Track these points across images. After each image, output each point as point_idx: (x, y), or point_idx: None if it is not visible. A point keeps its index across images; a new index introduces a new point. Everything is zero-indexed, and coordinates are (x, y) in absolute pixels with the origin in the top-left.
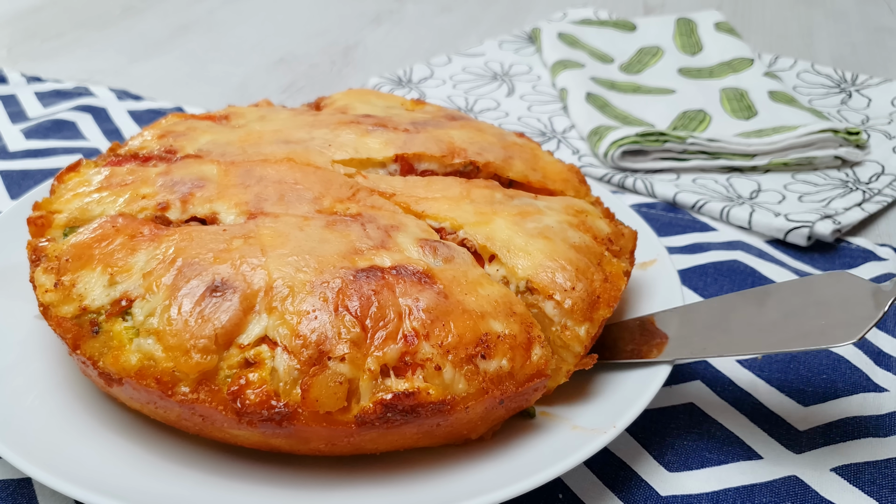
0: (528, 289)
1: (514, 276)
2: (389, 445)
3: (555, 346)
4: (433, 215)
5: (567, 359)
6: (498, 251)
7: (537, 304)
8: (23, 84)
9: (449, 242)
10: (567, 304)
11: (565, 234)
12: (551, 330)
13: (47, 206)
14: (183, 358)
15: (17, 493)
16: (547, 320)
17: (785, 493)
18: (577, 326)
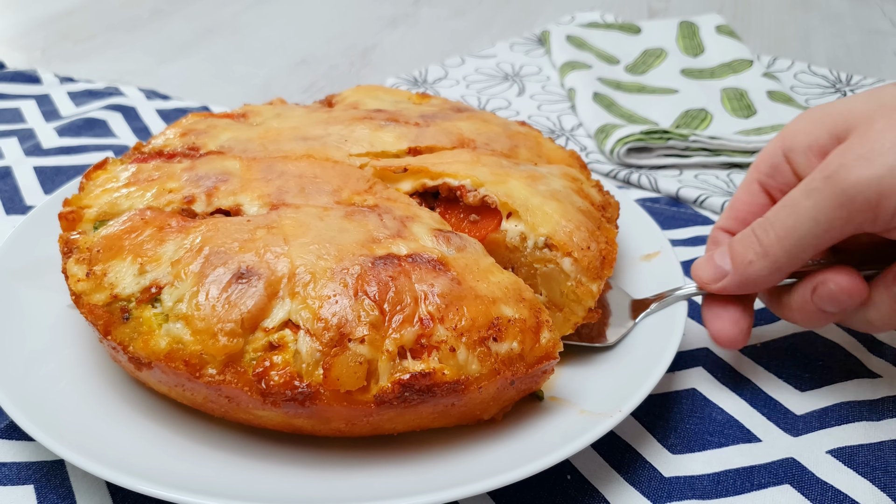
0: (547, 245)
1: (534, 232)
2: (406, 425)
3: (566, 300)
4: (452, 174)
5: (577, 312)
6: (518, 208)
7: (554, 260)
8: (56, 84)
9: (461, 234)
10: (584, 261)
11: (571, 198)
12: (566, 285)
13: (77, 202)
14: (210, 341)
15: (50, 475)
16: (562, 275)
17: (782, 474)
18: (591, 283)
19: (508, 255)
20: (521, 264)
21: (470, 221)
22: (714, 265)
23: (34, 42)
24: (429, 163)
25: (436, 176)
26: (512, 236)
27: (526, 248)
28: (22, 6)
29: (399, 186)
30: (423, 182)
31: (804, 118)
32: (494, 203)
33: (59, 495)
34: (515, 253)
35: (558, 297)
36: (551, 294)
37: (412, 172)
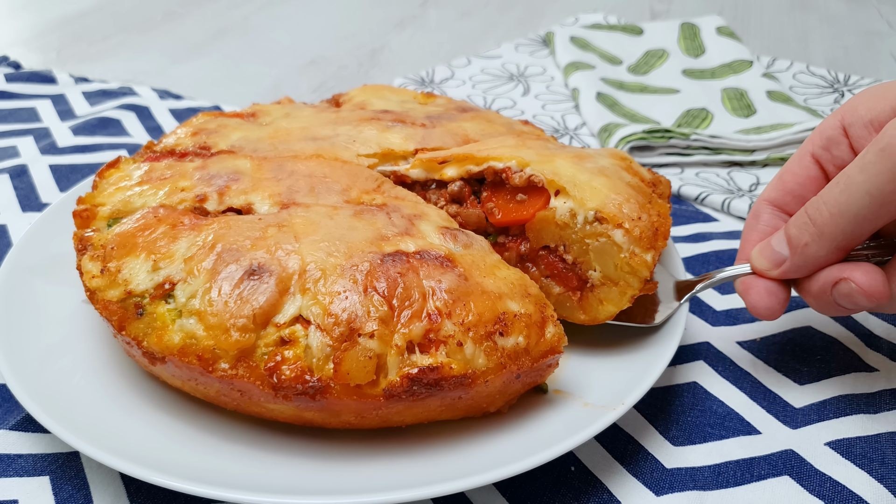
0: (597, 219)
1: (583, 207)
2: (414, 418)
3: (621, 273)
4: (497, 157)
5: (633, 284)
6: (565, 184)
7: (606, 233)
8: (71, 84)
9: (468, 231)
10: (636, 231)
11: (620, 174)
12: (619, 257)
13: (91, 200)
14: (223, 336)
15: (65, 466)
16: (615, 248)
17: (782, 465)
18: (644, 253)
19: (559, 232)
20: (573, 241)
21: (517, 202)
22: (772, 251)
23: (50, 43)
24: (473, 150)
25: (480, 161)
26: (561, 213)
27: (576, 223)
28: (38, 8)
29: (444, 173)
30: (467, 168)
31: (866, 94)
32: (541, 181)
33: (74, 486)
34: (566, 230)
35: (612, 271)
36: (605, 268)
37: (458, 159)
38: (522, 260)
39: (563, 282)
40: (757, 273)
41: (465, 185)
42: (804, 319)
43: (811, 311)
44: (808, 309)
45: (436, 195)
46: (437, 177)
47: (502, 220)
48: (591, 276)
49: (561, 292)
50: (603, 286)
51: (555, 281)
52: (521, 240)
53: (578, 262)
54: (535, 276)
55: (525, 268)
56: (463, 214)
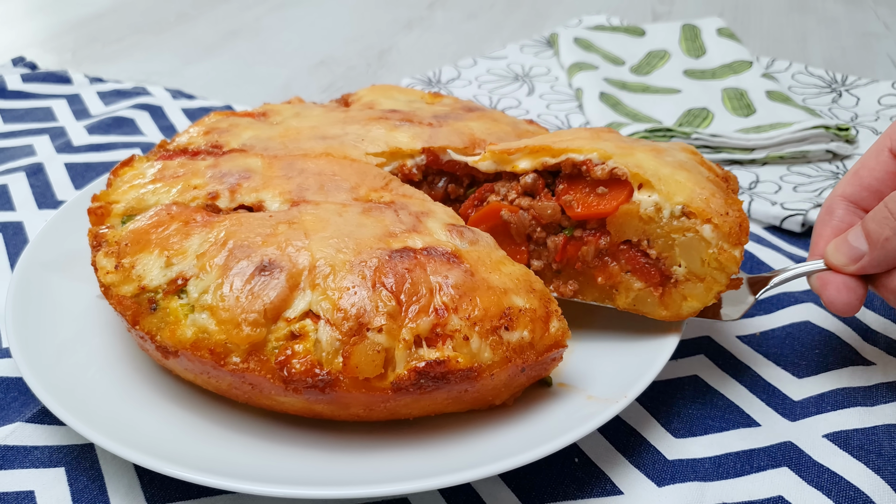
0: (684, 213)
1: (670, 201)
2: (421, 410)
3: (707, 269)
4: (576, 149)
5: (720, 280)
6: (650, 178)
7: (694, 228)
8: (86, 84)
9: (474, 228)
10: (725, 227)
11: (698, 168)
12: (707, 252)
13: (105, 198)
14: (234, 331)
15: (80, 458)
16: (703, 243)
17: (781, 457)
18: (733, 249)
19: (643, 226)
20: (657, 235)
21: (597, 195)
22: (849, 246)
23: (65, 44)
24: (548, 141)
25: (558, 153)
26: (646, 207)
27: (661, 218)
28: (53, 10)
29: (517, 165)
30: (542, 160)
31: None
32: (625, 174)
33: (89, 477)
34: (650, 224)
35: (699, 267)
36: (691, 264)
37: (531, 151)
38: (601, 255)
39: (644, 277)
40: (833, 269)
41: (539, 177)
42: (803, 315)
43: (810, 307)
44: (807, 305)
45: (505, 187)
46: (508, 169)
47: (582, 214)
48: (676, 272)
49: (642, 288)
50: (687, 282)
51: (636, 276)
52: (601, 234)
53: (662, 258)
54: (615, 272)
55: (604, 263)
56: (536, 207)
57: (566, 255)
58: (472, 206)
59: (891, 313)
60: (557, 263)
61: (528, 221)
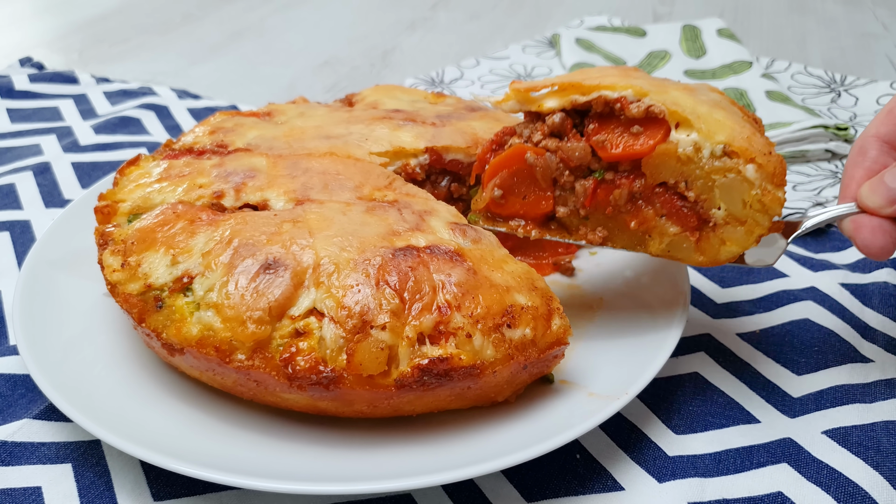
0: (726, 153)
1: (710, 140)
2: (425, 407)
3: (749, 211)
4: (609, 86)
5: (762, 223)
6: (689, 116)
7: (736, 169)
8: (93, 84)
9: (476, 227)
10: (770, 166)
11: (732, 108)
12: (750, 194)
13: (112, 197)
14: (240, 328)
15: (87, 454)
16: (745, 184)
17: (780, 453)
18: (777, 190)
19: (680, 167)
20: (696, 177)
21: (631, 134)
22: (886, 187)
23: (72, 45)
24: (578, 78)
25: (589, 90)
26: (685, 146)
27: (701, 158)
28: (60, 11)
29: (542, 105)
30: (571, 99)
31: None
32: (662, 112)
33: (95, 473)
34: (689, 165)
35: (740, 210)
36: (732, 206)
37: (561, 89)
38: (634, 199)
39: (680, 221)
40: (867, 211)
41: (567, 117)
42: (802, 313)
43: (810, 304)
44: (807, 302)
45: (528, 129)
46: (533, 108)
47: (616, 155)
48: (714, 215)
49: (677, 232)
50: (727, 226)
51: (671, 220)
52: (634, 176)
53: (700, 200)
54: (649, 216)
55: (637, 207)
56: (564, 149)
57: (596, 200)
58: (490, 152)
59: (890, 311)
60: (586, 209)
61: (556, 164)
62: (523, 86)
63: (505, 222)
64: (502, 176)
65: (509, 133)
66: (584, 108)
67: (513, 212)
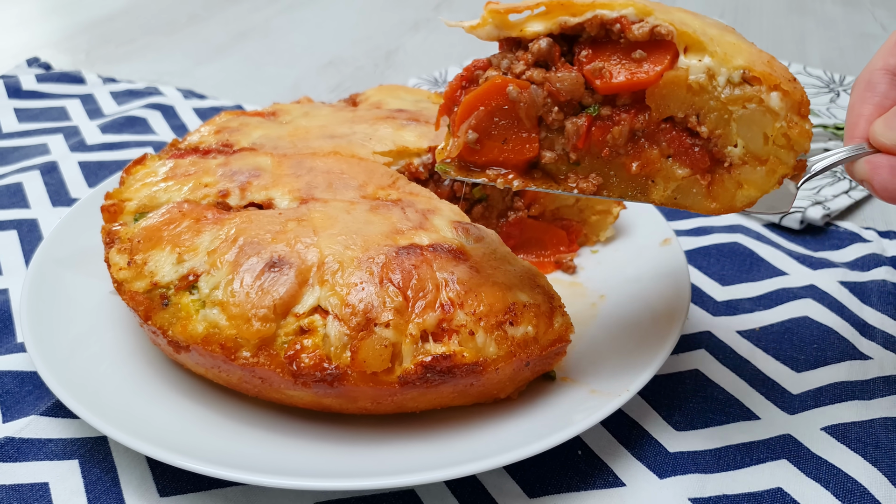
0: (744, 80)
1: (727, 64)
2: (428, 404)
3: (773, 147)
4: (606, 3)
5: (787, 161)
6: (701, 38)
7: (757, 97)
8: (99, 84)
9: (479, 225)
10: (797, 94)
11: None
12: (774, 127)
13: (118, 196)
14: (245, 326)
15: (94, 450)
16: (769, 116)
17: (780, 449)
18: (803, 122)
19: (691, 98)
20: (711, 109)
21: (633, 60)
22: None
23: (79, 45)
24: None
25: (581, 9)
26: (697, 73)
27: (716, 86)
28: (67, 12)
29: (525, 29)
30: (560, 21)
31: None
32: (670, 33)
33: (102, 469)
34: (701, 95)
35: (760, 146)
36: (751, 143)
37: (548, 10)
38: (635, 137)
39: (690, 162)
40: (883, 150)
41: (554, 43)
42: (801, 310)
43: (809, 301)
44: (806, 300)
45: (508, 59)
46: (515, 34)
47: (616, 86)
48: (730, 154)
49: (686, 175)
50: (745, 165)
51: (679, 162)
52: (636, 110)
53: (714, 136)
54: (653, 157)
55: (639, 147)
56: (553, 80)
57: (591, 141)
58: (461, 89)
59: (888, 309)
60: (578, 152)
61: (543, 99)
62: (502, 7)
63: (482, 171)
64: (478, 115)
65: (483, 66)
66: (575, 32)
67: (491, 158)
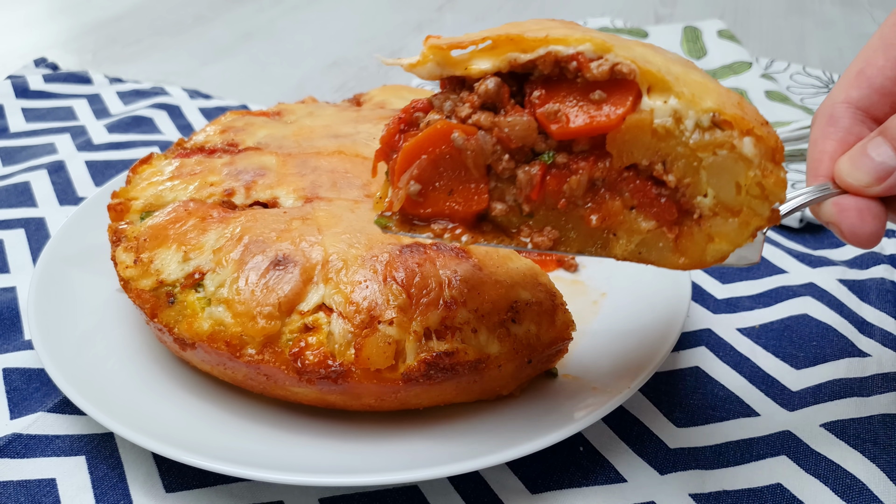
0: (715, 124)
1: (696, 107)
2: (431, 401)
3: (746, 197)
4: (560, 38)
5: (760, 211)
6: (666, 76)
7: (729, 142)
8: (106, 84)
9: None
10: (770, 140)
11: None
12: (747, 175)
13: (124, 195)
14: (250, 323)
15: (100, 447)
16: (741, 163)
17: (779, 446)
18: (779, 170)
19: (657, 144)
20: (677, 156)
21: (592, 101)
22: (872, 162)
23: (86, 45)
24: (516, 30)
25: (533, 45)
26: (662, 116)
27: (684, 131)
28: (74, 13)
29: (471, 67)
30: (510, 58)
31: None
32: (633, 72)
33: (108, 465)
34: (668, 140)
35: (733, 197)
36: (723, 193)
37: (495, 45)
38: (595, 187)
39: (656, 214)
40: (849, 191)
41: (503, 83)
42: (801, 308)
43: (809, 299)
44: (805, 298)
45: (451, 100)
46: (459, 72)
47: (573, 131)
48: (700, 204)
49: (652, 228)
50: (715, 217)
51: (644, 213)
52: (596, 157)
53: (682, 186)
54: (615, 209)
55: (599, 197)
56: (502, 125)
57: (545, 191)
58: (399, 132)
59: (886, 307)
60: (531, 203)
61: (492, 146)
62: (444, 42)
63: (426, 225)
64: (420, 165)
65: (423, 108)
66: (526, 70)
67: (436, 211)
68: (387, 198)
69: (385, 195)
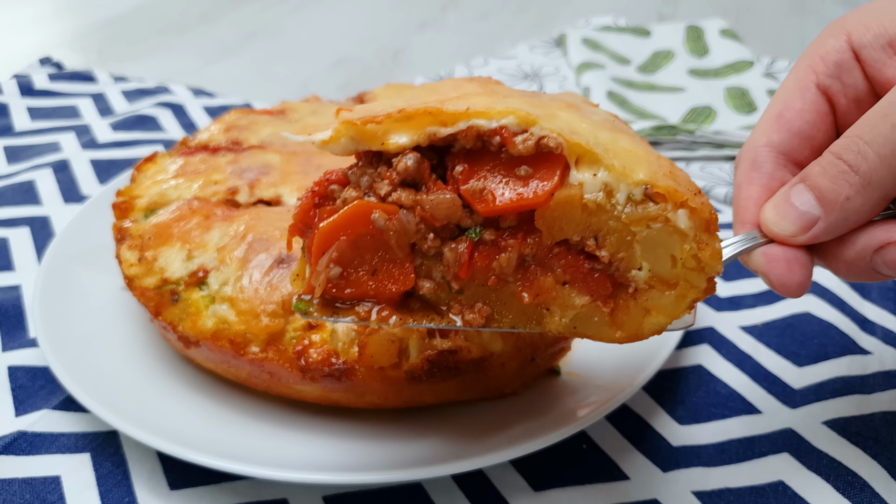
0: (647, 196)
1: (628, 179)
2: (435, 399)
3: (682, 270)
4: (482, 112)
5: (697, 283)
6: (595, 148)
7: (663, 216)
8: (110, 83)
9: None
10: (705, 212)
11: (627, 129)
12: (682, 248)
13: (129, 193)
14: (254, 321)
15: (105, 444)
16: (676, 236)
17: (781, 443)
18: (714, 241)
19: (587, 219)
20: (610, 230)
21: (518, 177)
22: (796, 211)
23: (91, 45)
24: (434, 101)
25: (453, 119)
26: (592, 191)
27: (615, 205)
28: (79, 12)
29: (388, 142)
30: (428, 132)
31: (871, 10)
32: (559, 146)
33: (113, 463)
34: (599, 215)
35: (668, 270)
36: (658, 266)
37: (409, 118)
38: (525, 264)
39: (590, 288)
40: (776, 240)
41: (423, 158)
42: (803, 306)
43: (810, 297)
44: (807, 296)
45: (368, 175)
46: (375, 147)
47: (499, 209)
48: (635, 278)
49: (586, 303)
50: (651, 290)
51: (577, 288)
52: (525, 233)
53: (616, 260)
54: (547, 285)
55: (531, 274)
56: (425, 203)
57: (473, 269)
58: (313, 207)
59: (888, 305)
60: (461, 281)
61: (415, 225)
62: (357, 116)
63: (350, 308)
64: (339, 247)
65: (339, 180)
66: (447, 143)
67: (359, 293)
68: (304, 276)
69: (302, 273)
